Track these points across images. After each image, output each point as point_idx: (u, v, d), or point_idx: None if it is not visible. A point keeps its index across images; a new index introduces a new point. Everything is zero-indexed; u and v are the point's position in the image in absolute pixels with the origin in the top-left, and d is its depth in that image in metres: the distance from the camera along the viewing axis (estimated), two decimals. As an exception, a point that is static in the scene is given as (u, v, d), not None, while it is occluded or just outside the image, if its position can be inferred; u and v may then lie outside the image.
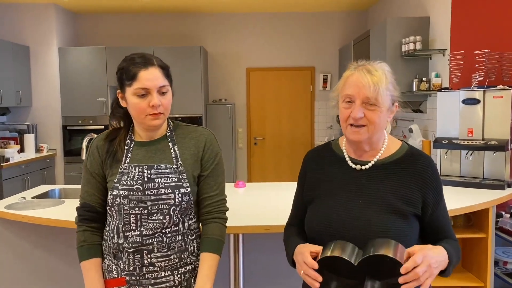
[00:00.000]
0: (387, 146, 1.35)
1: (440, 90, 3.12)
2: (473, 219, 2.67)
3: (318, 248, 1.22)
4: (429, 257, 1.12)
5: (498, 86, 2.85)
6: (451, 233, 1.33)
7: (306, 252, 1.21)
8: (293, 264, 1.32)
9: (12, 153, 4.88)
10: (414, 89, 3.98)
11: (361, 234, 1.21)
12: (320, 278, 1.16)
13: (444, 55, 3.79)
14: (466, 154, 2.93)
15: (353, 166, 1.34)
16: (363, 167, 1.32)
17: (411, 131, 3.94)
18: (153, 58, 1.43)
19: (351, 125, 1.28)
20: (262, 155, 6.58)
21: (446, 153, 3.04)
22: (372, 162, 1.32)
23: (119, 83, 1.44)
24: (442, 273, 1.21)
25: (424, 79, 3.91)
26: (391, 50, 4.10)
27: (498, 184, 2.75)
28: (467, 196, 2.59)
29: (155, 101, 1.38)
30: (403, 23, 4.10)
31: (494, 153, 2.83)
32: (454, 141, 2.91)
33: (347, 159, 1.36)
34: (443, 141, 2.95)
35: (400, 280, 1.09)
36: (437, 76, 3.81)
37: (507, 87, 2.79)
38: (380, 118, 1.27)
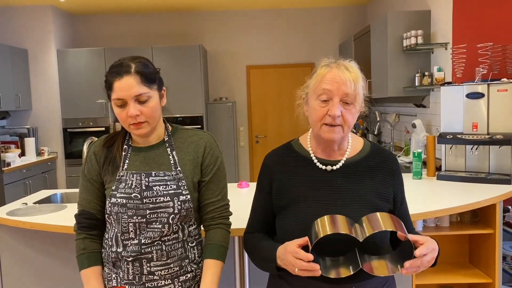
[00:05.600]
0: (352, 145, 1.34)
1: (443, 84, 3.08)
2: (480, 214, 2.64)
3: (301, 241, 1.15)
4: (435, 251, 1.14)
5: (502, 79, 2.81)
6: (412, 225, 1.38)
7: (295, 249, 1.14)
8: (276, 269, 1.24)
9: (13, 157, 4.86)
10: (416, 84, 3.95)
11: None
12: (317, 267, 1.10)
13: (446, 49, 3.75)
14: (471, 149, 2.90)
15: (323, 167, 1.30)
16: (334, 167, 1.29)
17: (414, 126, 3.90)
18: (132, 64, 1.33)
19: (326, 124, 1.24)
20: (264, 153, 6.53)
21: (450, 148, 3.01)
22: (342, 162, 1.30)
23: (106, 92, 1.40)
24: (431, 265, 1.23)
25: (426, 73, 3.87)
26: (392, 44, 4.06)
27: (504, 178, 2.71)
28: (473, 191, 2.56)
29: (131, 111, 1.31)
30: (404, 17, 4.06)
31: (499, 147, 2.80)
32: (459, 136, 2.87)
33: (315, 160, 1.31)
34: (447, 136, 2.92)
35: (406, 264, 1.09)
36: (439, 70, 3.77)
37: (511, 80, 2.75)
38: (354, 118, 1.26)
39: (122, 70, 1.32)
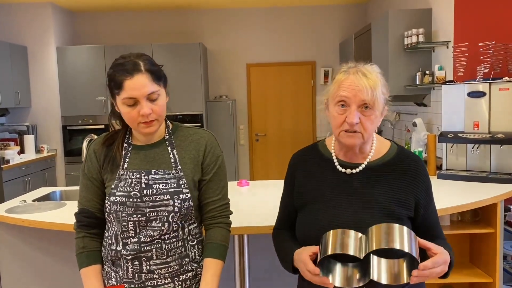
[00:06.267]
0: (376, 148, 1.32)
1: (444, 83, 3.07)
2: (481, 213, 2.63)
3: (315, 249, 1.18)
4: (445, 264, 1.13)
5: (503, 78, 2.80)
6: (441, 232, 1.33)
7: (306, 260, 1.17)
8: (294, 271, 1.29)
9: (12, 155, 4.85)
10: (417, 82, 3.93)
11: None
12: (328, 281, 1.14)
13: (447, 47, 3.74)
14: (472, 148, 2.89)
15: (343, 170, 1.30)
16: (354, 171, 1.29)
17: (415, 125, 3.89)
18: (140, 62, 1.32)
19: (345, 130, 1.23)
20: (264, 152, 6.54)
21: (451, 147, 3.00)
22: (363, 166, 1.29)
23: (109, 90, 1.36)
24: (442, 277, 1.20)
25: (427, 72, 3.86)
26: (393, 43, 4.05)
27: (505, 178, 2.71)
28: (474, 190, 2.55)
29: (144, 110, 1.30)
30: (405, 15, 4.04)
31: (501, 146, 2.79)
32: (460, 135, 2.86)
33: (336, 163, 1.32)
34: (448, 135, 2.91)
35: (414, 273, 1.09)
36: (440, 69, 3.76)
37: (513, 79, 2.74)
38: (374, 124, 1.24)
39: (131, 68, 1.30)
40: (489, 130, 2.80)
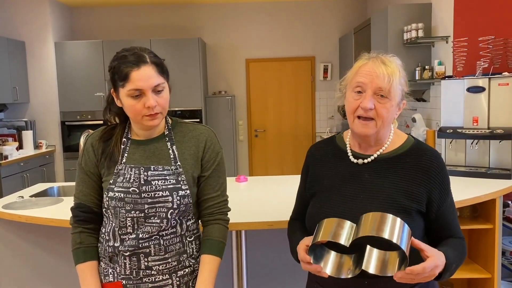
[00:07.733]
0: (392, 140, 1.30)
1: (444, 78, 3.06)
2: (479, 209, 2.62)
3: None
4: (436, 269, 1.09)
5: (503, 73, 2.78)
6: (457, 230, 1.28)
7: (300, 249, 1.19)
8: (299, 260, 1.30)
9: (10, 150, 4.83)
10: (417, 78, 3.92)
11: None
12: (320, 269, 1.15)
13: (447, 42, 3.72)
14: (471, 144, 2.88)
15: (355, 160, 1.30)
16: (365, 161, 1.28)
17: (414, 120, 3.88)
18: (145, 54, 1.32)
19: (359, 117, 1.22)
20: (263, 147, 6.54)
21: (450, 142, 2.99)
22: (374, 156, 1.28)
23: (111, 82, 1.35)
24: (436, 278, 1.16)
25: (427, 67, 3.84)
26: (393, 38, 4.03)
27: (504, 173, 2.70)
28: (473, 186, 2.54)
29: (150, 102, 1.29)
30: (404, 10, 4.02)
31: (500, 141, 2.78)
32: (459, 130, 2.85)
33: (349, 153, 1.31)
34: (447, 131, 2.90)
35: (398, 274, 1.07)
36: (440, 64, 3.74)
37: (512, 74, 2.72)
38: (389, 112, 1.22)
39: (137, 59, 1.29)
40: (488, 126, 2.79)
